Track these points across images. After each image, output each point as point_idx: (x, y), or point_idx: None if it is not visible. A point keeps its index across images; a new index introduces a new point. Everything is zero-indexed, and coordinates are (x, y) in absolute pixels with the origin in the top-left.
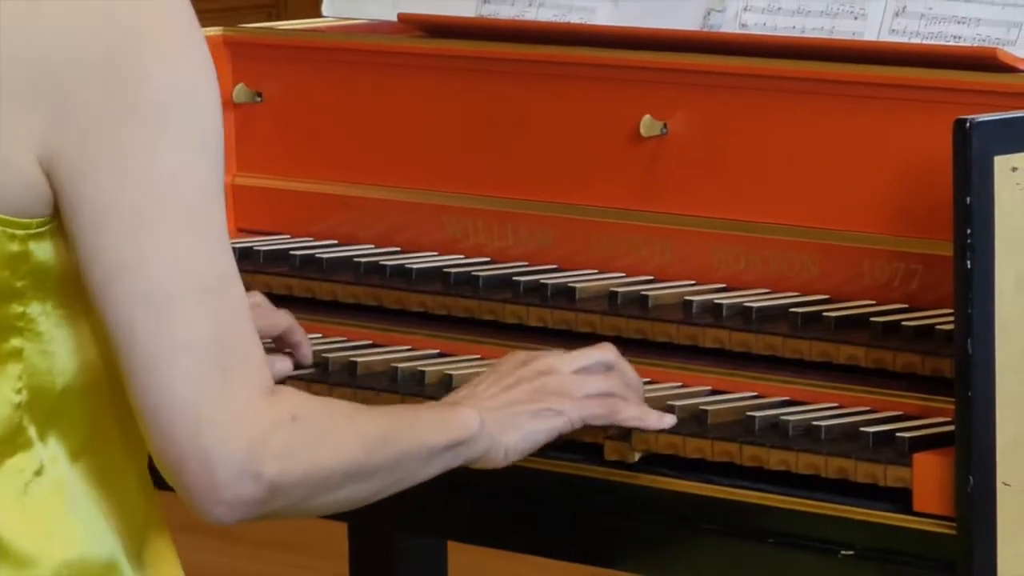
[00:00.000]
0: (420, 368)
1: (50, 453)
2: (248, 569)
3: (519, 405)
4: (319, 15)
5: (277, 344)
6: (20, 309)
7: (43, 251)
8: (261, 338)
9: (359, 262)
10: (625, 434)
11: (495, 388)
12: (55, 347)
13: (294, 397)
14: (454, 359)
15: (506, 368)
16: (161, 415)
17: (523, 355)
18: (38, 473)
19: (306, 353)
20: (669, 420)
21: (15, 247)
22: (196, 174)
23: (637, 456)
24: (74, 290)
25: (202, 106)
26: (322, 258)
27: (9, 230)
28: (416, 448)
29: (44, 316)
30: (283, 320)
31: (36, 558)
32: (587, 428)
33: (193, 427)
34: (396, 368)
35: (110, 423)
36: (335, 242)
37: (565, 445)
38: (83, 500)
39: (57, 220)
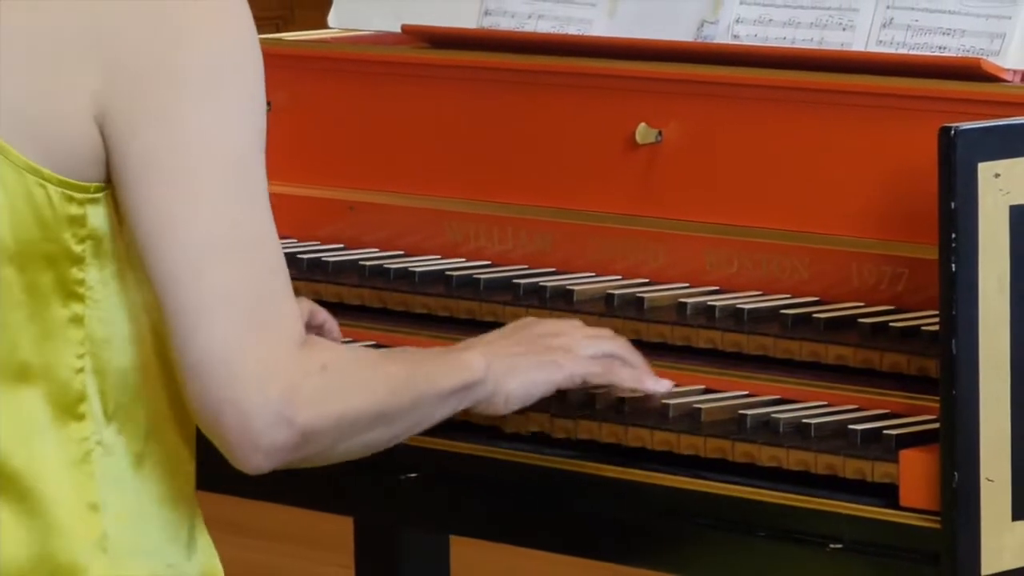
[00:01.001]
0: None
1: (112, 429)
2: (261, 561)
3: (523, 356)
4: (326, 26)
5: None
6: (80, 275)
7: (98, 217)
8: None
9: (364, 265)
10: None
11: (504, 340)
12: (113, 315)
13: (324, 347)
14: None
15: (517, 325)
16: (201, 367)
17: (531, 319)
18: (100, 444)
19: (333, 329)
20: (666, 384)
21: (74, 209)
22: (237, 134)
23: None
24: (128, 261)
25: (245, 69)
26: (328, 261)
27: (68, 192)
28: (433, 391)
29: (102, 284)
30: (302, 307)
31: (72, 528)
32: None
33: (230, 378)
34: None
35: (164, 406)
36: (341, 246)
37: (565, 442)
38: (136, 483)
39: (110, 188)
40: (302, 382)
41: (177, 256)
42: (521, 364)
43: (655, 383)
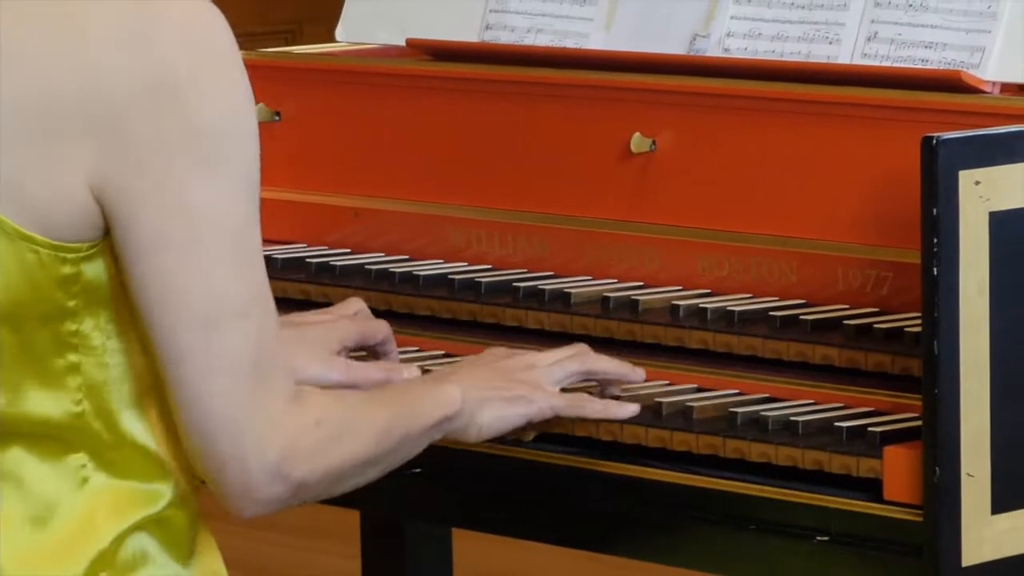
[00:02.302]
0: (427, 368)
1: (109, 455)
2: (270, 553)
3: (495, 390)
4: (333, 40)
5: (370, 352)
6: (74, 327)
7: (93, 270)
8: (358, 347)
9: (370, 269)
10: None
11: (477, 372)
12: (109, 358)
13: (316, 401)
14: (458, 359)
15: (488, 358)
16: (204, 426)
17: (504, 350)
18: (97, 469)
19: (391, 352)
20: (629, 409)
21: (67, 269)
22: (239, 203)
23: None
24: (124, 303)
25: (245, 137)
26: (336, 265)
27: (60, 254)
28: (414, 430)
29: (98, 331)
30: (382, 330)
31: (77, 545)
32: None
33: (232, 438)
34: None
35: (160, 431)
36: (348, 251)
37: (563, 439)
38: (127, 494)
39: (107, 240)
40: (299, 440)
41: (184, 325)
42: (493, 398)
43: (620, 409)
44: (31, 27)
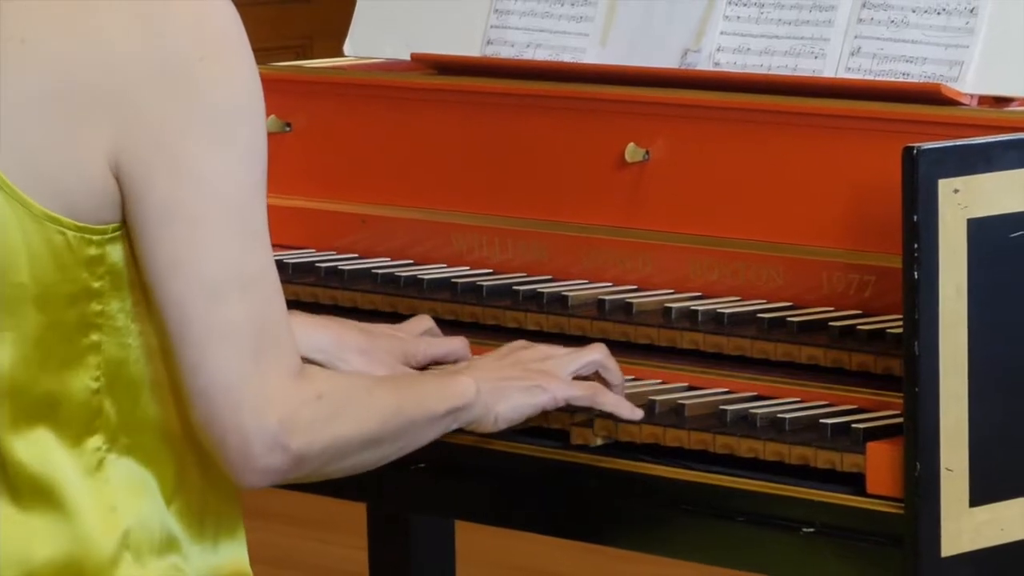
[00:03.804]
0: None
1: (124, 439)
2: (280, 543)
3: (511, 380)
4: (342, 55)
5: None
6: (99, 307)
7: (116, 253)
8: (438, 363)
9: (377, 273)
10: (590, 422)
11: (494, 364)
12: (131, 339)
13: (320, 377)
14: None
15: (506, 350)
16: (207, 395)
17: (523, 343)
18: (110, 451)
19: (465, 355)
20: (638, 413)
21: (93, 251)
22: (246, 177)
23: (599, 440)
24: (142, 288)
25: (253, 116)
26: (344, 270)
27: (87, 236)
28: (422, 416)
29: (123, 313)
30: (459, 348)
31: (97, 530)
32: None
33: (234, 406)
34: None
35: (173, 414)
36: (355, 256)
37: (561, 435)
38: (145, 478)
39: (127, 225)
40: (298, 411)
41: (188, 293)
42: (508, 388)
43: (631, 411)
44: (50, 20)
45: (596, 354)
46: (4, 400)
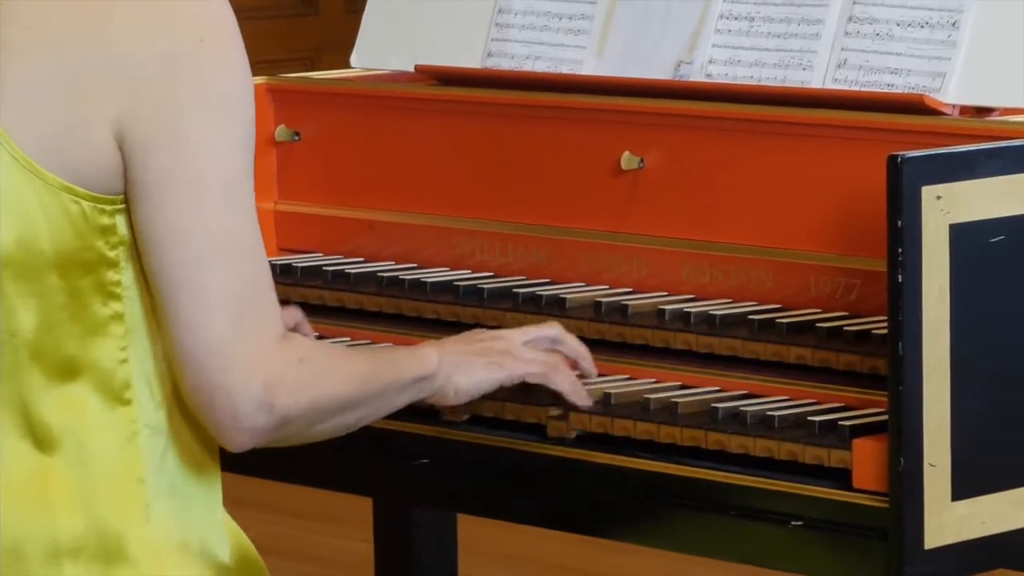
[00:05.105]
0: None
1: (162, 414)
2: (287, 535)
3: (471, 356)
4: (348, 66)
5: None
6: (116, 276)
7: (125, 225)
8: None
9: (382, 276)
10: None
11: (455, 341)
12: (149, 310)
13: (301, 342)
14: None
15: (467, 334)
16: (196, 357)
17: (484, 330)
18: (147, 426)
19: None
20: (588, 401)
21: (105, 220)
22: (235, 157)
23: (573, 434)
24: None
25: (246, 100)
26: (350, 273)
27: (99, 205)
28: (394, 381)
29: (138, 283)
30: (288, 317)
31: (120, 499)
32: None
33: (221, 368)
34: None
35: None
36: (361, 259)
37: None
38: (176, 460)
39: (127, 195)
40: (283, 373)
41: (181, 261)
42: (468, 363)
43: (582, 399)
44: (56, 7)
45: (551, 330)
46: (32, 362)
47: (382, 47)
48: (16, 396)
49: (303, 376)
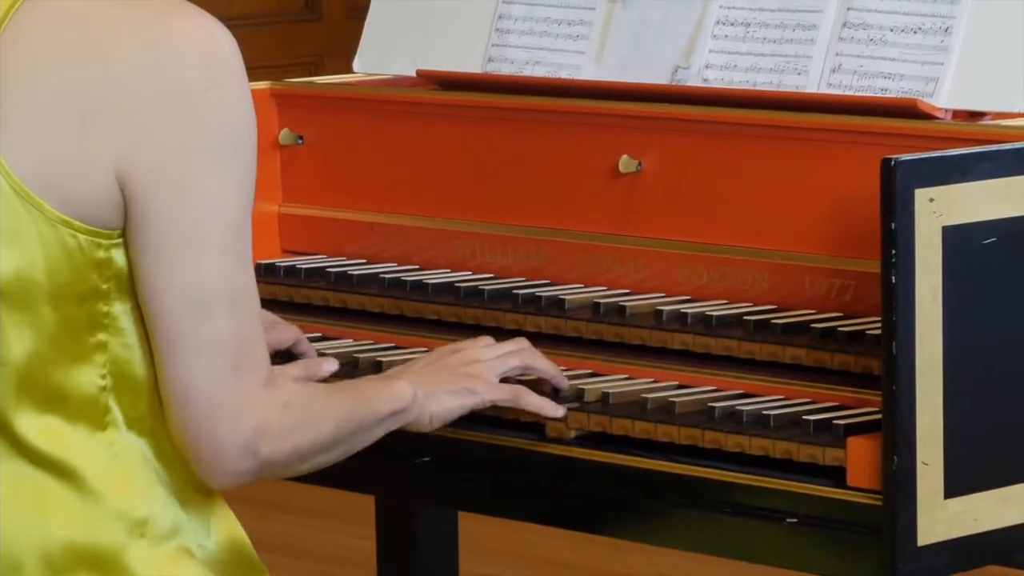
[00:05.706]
0: None
1: (132, 434)
2: (290, 532)
3: (442, 384)
4: (351, 71)
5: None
6: (105, 308)
7: (121, 258)
8: (269, 351)
9: (384, 278)
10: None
11: (426, 369)
12: (133, 341)
13: (287, 385)
14: None
15: (435, 356)
16: (186, 401)
17: (451, 347)
18: (125, 448)
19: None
20: (560, 411)
21: (101, 254)
22: (236, 203)
23: (572, 433)
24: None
25: (249, 144)
26: (353, 274)
27: (96, 239)
28: (370, 419)
29: (125, 315)
30: (288, 335)
31: (116, 516)
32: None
33: (211, 412)
34: None
35: None
36: (364, 261)
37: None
38: (162, 475)
39: (126, 236)
40: (269, 419)
41: (179, 307)
42: (440, 392)
43: (554, 410)
44: (62, 44)
45: (519, 360)
46: (20, 389)
47: (384, 52)
48: (4, 421)
49: (288, 422)
